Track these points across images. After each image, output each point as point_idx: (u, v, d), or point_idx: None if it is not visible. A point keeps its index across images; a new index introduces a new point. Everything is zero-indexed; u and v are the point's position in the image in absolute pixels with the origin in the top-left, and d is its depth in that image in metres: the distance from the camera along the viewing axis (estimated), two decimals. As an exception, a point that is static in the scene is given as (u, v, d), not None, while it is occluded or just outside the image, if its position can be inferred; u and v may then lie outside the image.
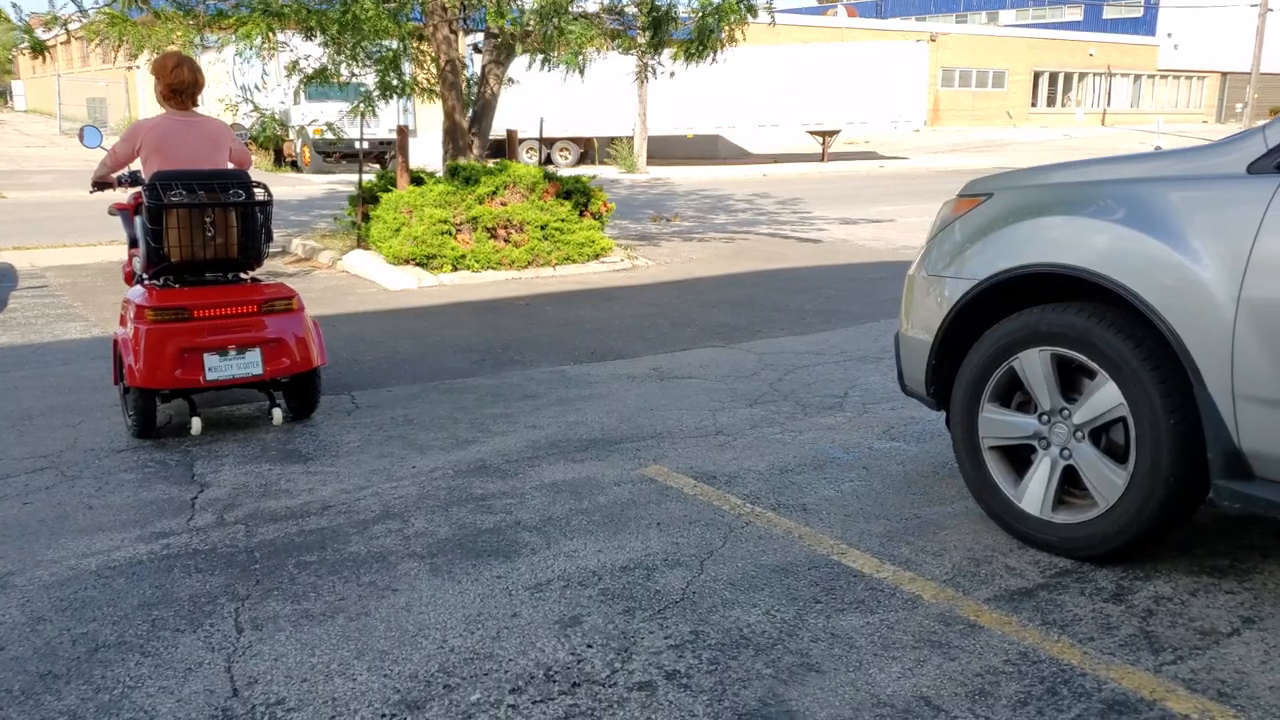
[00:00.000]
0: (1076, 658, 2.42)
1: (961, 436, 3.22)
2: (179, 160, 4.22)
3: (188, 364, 4.00)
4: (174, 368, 3.97)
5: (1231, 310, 2.57)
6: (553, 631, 2.56)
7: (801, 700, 2.25)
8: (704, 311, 7.06)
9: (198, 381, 4.02)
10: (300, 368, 4.23)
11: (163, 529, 3.21)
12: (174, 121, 4.31)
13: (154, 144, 4.23)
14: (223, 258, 4.23)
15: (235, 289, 4.24)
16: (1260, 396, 2.54)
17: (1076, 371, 2.95)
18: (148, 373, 3.94)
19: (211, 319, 4.06)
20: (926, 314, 3.36)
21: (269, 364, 4.14)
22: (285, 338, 4.19)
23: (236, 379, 4.10)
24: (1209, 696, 2.26)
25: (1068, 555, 2.96)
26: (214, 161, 4.34)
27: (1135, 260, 2.75)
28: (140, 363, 3.94)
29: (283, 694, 2.28)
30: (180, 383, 4.01)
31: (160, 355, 3.95)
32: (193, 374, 4.00)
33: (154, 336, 3.96)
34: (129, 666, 2.39)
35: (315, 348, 4.31)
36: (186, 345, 4.00)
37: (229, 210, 4.17)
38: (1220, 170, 2.70)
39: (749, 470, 3.77)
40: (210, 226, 4.13)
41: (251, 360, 4.10)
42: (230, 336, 4.07)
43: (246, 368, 4.09)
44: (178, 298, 4.07)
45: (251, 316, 4.14)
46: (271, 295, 4.24)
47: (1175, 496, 2.76)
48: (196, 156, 4.27)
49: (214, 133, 4.40)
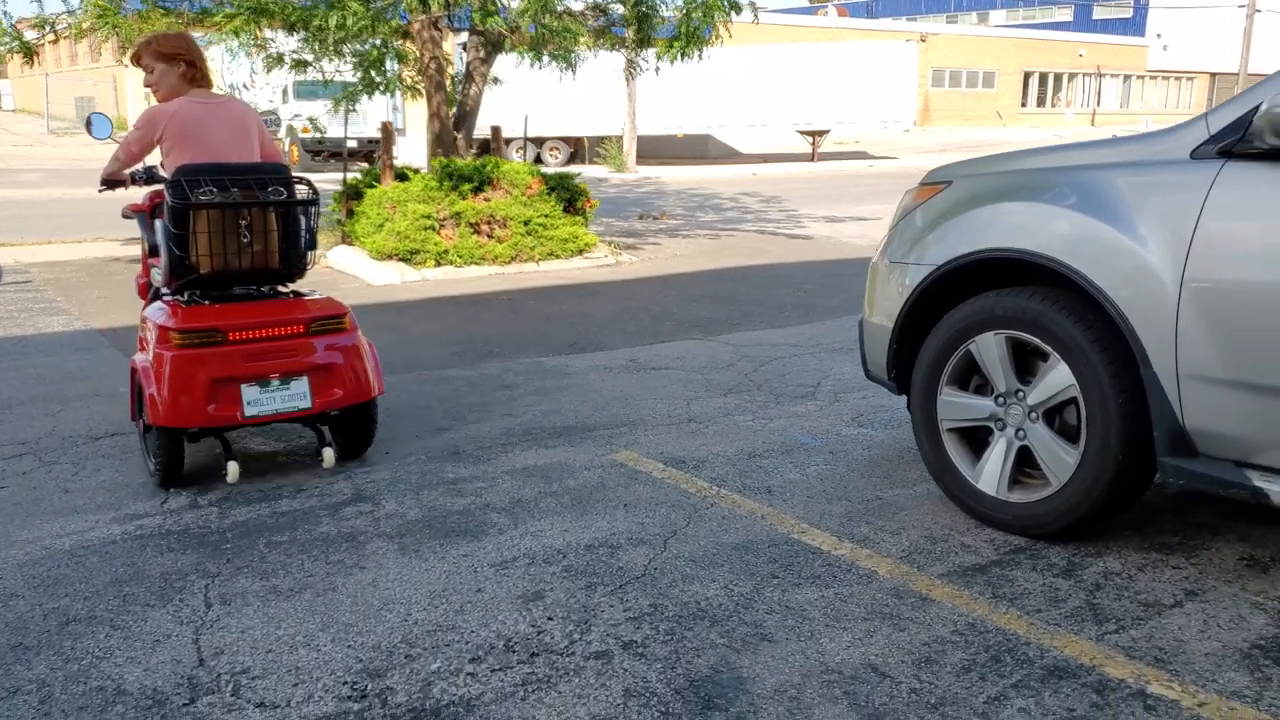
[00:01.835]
0: (1023, 628, 2.49)
1: (921, 419, 3.30)
2: (207, 151, 3.60)
3: (222, 397, 3.35)
4: (206, 402, 3.33)
5: (1175, 292, 2.64)
6: (515, 605, 2.62)
7: (752, 668, 2.31)
8: (684, 306, 7.13)
9: (235, 418, 3.37)
10: (354, 398, 3.58)
11: (136, 511, 3.26)
12: (199, 106, 3.66)
13: (177, 132, 3.59)
14: (261, 268, 3.60)
15: (276, 305, 3.60)
16: (1202, 375, 2.62)
17: (1031, 354, 3.03)
18: (174, 408, 3.30)
19: (249, 342, 3.41)
20: (888, 300, 3.43)
21: (318, 395, 3.49)
22: (337, 363, 3.55)
23: (280, 414, 3.45)
24: (1146, 662, 2.33)
25: (1022, 533, 3.04)
26: (246, 152, 3.73)
27: (1084, 244, 2.83)
28: (165, 396, 3.30)
29: (248, 663, 2.33)
30: (213, 420, 3.36)
31: (189, 387, 3.31)
32: (229, 409, 3.36)
33: (182, 364, 3.32)
34: (98, 639, 2.44)
35: (372, 374, 3.66)
36: (220, 374, 3.35)
37: (268, 211, 3.57)
38: (1165, 156, 2.77)
39: (718, 455, 3.84)
40: (246, 231, 3.51)
41: (298, 391, 3.46)
42: (272, 363, 3.43)
43: (292, 400, 3.45)
44: (209, 317, 3.43)
45: (297, 339, 3.49)
46: (320, 312, 3.58)
47: (1124, 474, 2.83)
48: (226, 146, 3.65)
49: (243, 118, 3.77)
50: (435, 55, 9.24)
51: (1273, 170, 2.51)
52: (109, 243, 9.96)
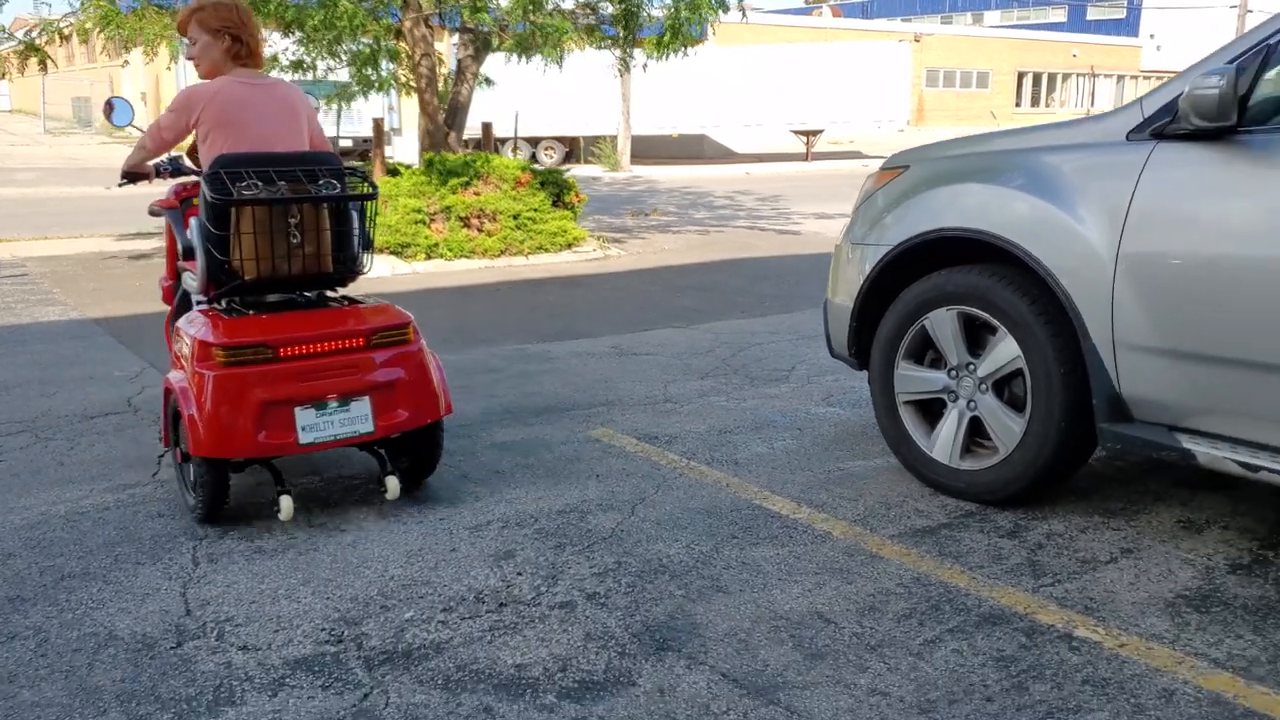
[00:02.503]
0: (964, 581, 2.64)
1: (879, 393, 3.45)
2: (250, 139, 3.18)
3: (274, 422, 2.93)
4: (256, 428, 2.91)
5: (1111, 266, 2.80)
6: (487, 563, 2.77)
7: (706, 615, 2.46)
8: (669, 296, 7.28)
9: (289, 446, 2.96)
10: (421, 420, 3.16)
11: (129, 481, 3.41)
12: (243, 87, 3.24)
13: (218, 116, 3.17)
14: (313, 272, 3.19)
15: (330, 315, 3.18)
16: (1137, 344, 2.77)
17: (981, 328, 3.18)
18: (220, 436, 2.88)
19: (304, 358, 2.99)
20: (849, 281, 3.58)
21: (381, 417, 3.07)
22: (401, 380, 3.12)
23: (340, 440, 3.02)
24: (1076, 610, 2.48)
25: (973, 500, 3.19)
26: (294, 140, 3.30)
27: (1028, 223, 2.98)
28: (209, 422, 2.88)
29: (232, 613, 2.48)
30: (265, 449, 2.95)
31: (237, 411, 2.89)
32: (282, 435, 2.94)
33: (227, 385, 2.90)
34: (91, 592, 2.59)
35: (439, 390, 3.24)
36: (272, 396, 2.93)
37: (320, 208, 3.15)
38: (1104, 138, 2.93)
39: (690, 432, 3.99)
40: (295, 230, 3.10)
41: (358, 413, 3.03)
42: (330, 382, 3.01)
43: (352, 424, 3.02)
44: (256, 330, 3.01)
45: (356, 353, 3.07)
46: (381, 322, 3.15)
47: (1067, 442, 2.98)
48: (272, 134, 3.23)
49: (292, 102, 3.35)
50: (426, 52, 9.39)
51: (1197, 150, 2.66)
52: (104, 238, 10.09)
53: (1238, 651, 2.29)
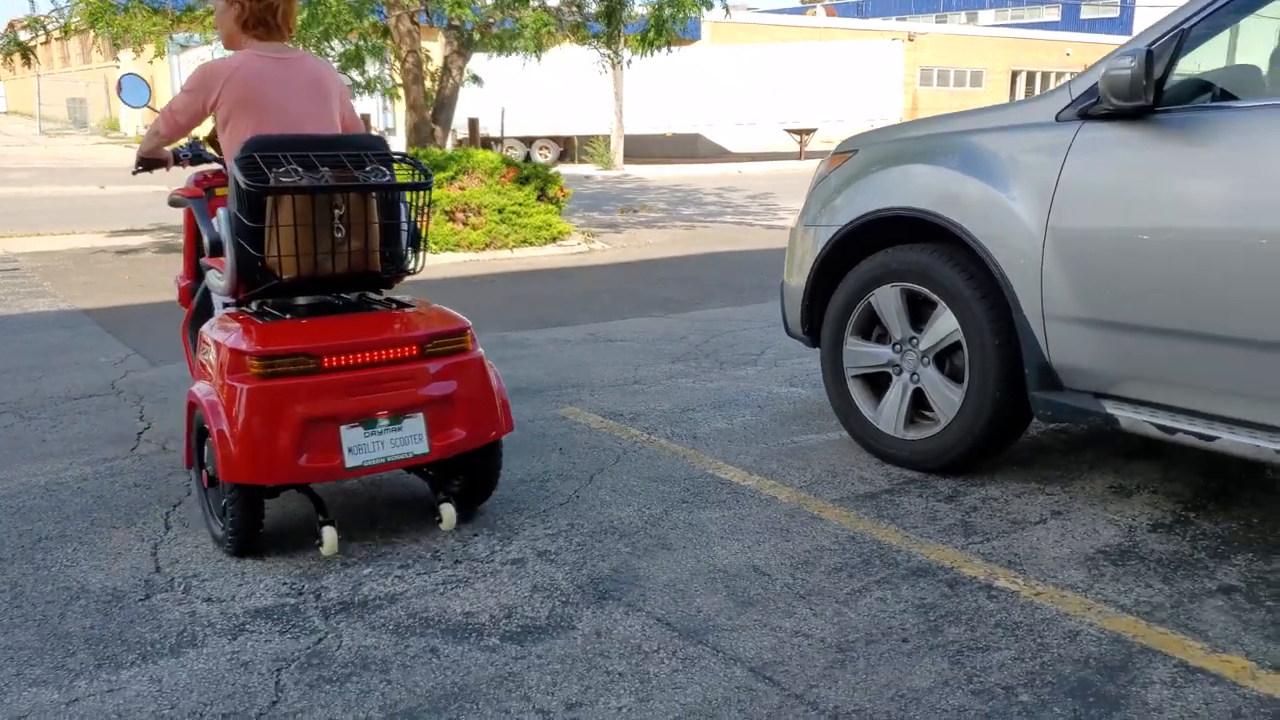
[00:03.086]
0: (897, 539, 2.78)
1: (829, 368, 3.59)
2: (275, 121, 2.87)
3: (316, 442, 2.58)
4: (297, 450, 2.56)
5: (1040, 241, 2.93)
6: (441, 531, 2.90)
7: (649, 569, 2.60)
8: (650, 287, 7.42)
9: (334, 470, 2.61)
10: (481, 439, 2.81)
11: (108, 455, 3.54)
12: (266, 61, 2.91)
13: (241, 94, 2.86)
14: (359, 271, 2.85)
15: (377, 319, 2.83)
16: (1064, 315, 2.91)
17: (923, 304, 3.31)
18: (256, 459, 2.54)
19: (350, 369, 2.65)
20: (802, 262, 3.72)
21: (437, 436, 2.73)
22: (459, 394, 2.78)
23: (391, 463, 2.68)
24: (999, 564, 2.62)
25: (915, 468, 3.32)
26: (324, 123, 2.99)
27: (964, 201, 3.12)
28: (243, 442, 2.54)
29: (199, 570, 2.61)
30: (306, 474, 2.60)
31: (275, 431, 2.55)
32: (326, 458, 2.59)
33: (265, 401, 2.55)
34: (67, 552, 2.72)
35: (500, 407, 2.90)
36: (315, 413, 2.58)
37: (368, 198, 2.81)
38: (1036, 119, 3.06)
39: (654, 410, 4.12)
40: (340, 224, 2.75)
41: (412, 432, 2.69)
42: (380, 396, 2.67)
43: (405, 444, 2.68)
44: (297, 336, 2.67)
45: (409, 363, 2.72)
46: (437, 328, 2.81)
47: (1002, 411, 3.12)
48: (300, 115, 2.91)
49: (321, 79, 3.01)
50: (413, 49, 9.53)
51: (1118, 129, 2.80)
52: (95, 235, 10.22)
53: (1145, 599, 2.43)
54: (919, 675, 2.09)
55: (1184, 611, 2.36)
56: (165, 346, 5.24)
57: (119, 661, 2.16)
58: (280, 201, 2.69)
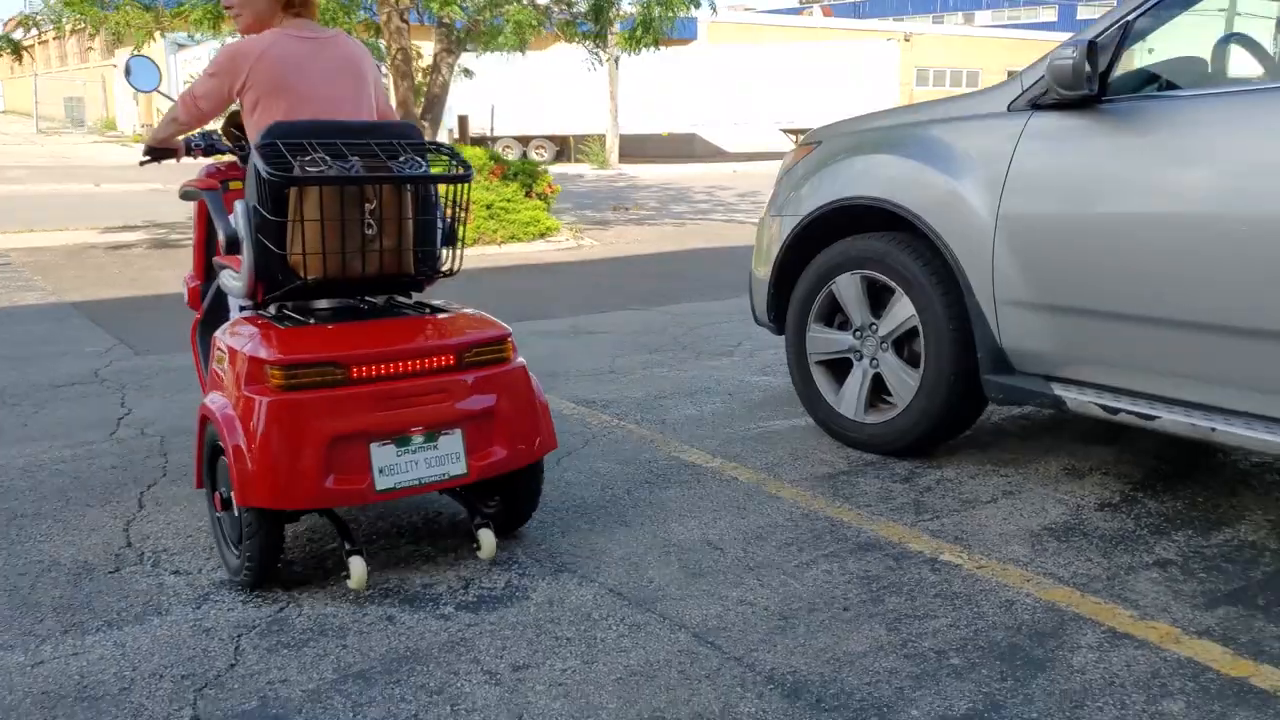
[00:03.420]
0: (849, 516, 2.86)
1: (794, 354, 3.66)
2: (308, 106, 2.67)
3: (345, 463, 2.34)
4: (322, 471, 2.32)
5: (992, 228, 3.01)
6: (412, 509, 2.97)
7: (607, 544, 2.68)
8: (634, 281, 7.50)
9: (363, 493, 2.37)
10: (522, 459, 2.57)
11: (87, 439, 3.62)
12: (298, 41, 2.70)
13: (271, 78, 2.66)
14: (391, 272, 2.61)
15: (411, 326, 2.59)
16: (1014, 300, 2.99)
17: (882, 291, 3.39)
18: (276, 480, 2.30)
19: (381, 380, 2.40)
20: (768, 251, 3.79)
21: (475, 455, 2.49)
22: (499, 409, 2.53)
23: (425, 485, 2.43)
24: (945, 540, 2.69)
25: (874, 451, 3.40)
26: (359, 106, 2.79)
27: (920, 190, 3.20)
28: (261, 462, 2.29)
29: (169, 545, 2.69)
30: (333, 497, 2.36)
31: (299, 449, 2.30)
32: (354, 479, 2.35)
33: (287, 415, 2.31)
34: (42, 529, 2.80)
35: (543, 422, 2.66)
36: (343, 430, 2.34)
37: (403, 192, 2.57)
38: (989, 110, 3.14)
39: (627, 397, 4.20)
40: (371, 219, 2.52)
41: (448, 451, 2.45)
42: (414, 411, 2.42)
43: (441, 465, 2.43)
44: (321, 343, 2.43)
45: (446, 374, 2.48)
46: (475, 336, 2.55)
47: (957, 394, 3.19)
48: (334, 100, 2.71)
49: (355, 60, 2.81)
50: (402, 45, 9.61)
51: (1064, 118, 2.88)
52: (88, 231, 10.30)
53: (1082, 571, 2.51)
54: (855, 640, 2.17)
55: (1119, 583, 2.44)
56: (150, 337, 5.32)
57: (85, 628, 2.23)
58: (305, 194, 2.43)
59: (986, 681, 2.01)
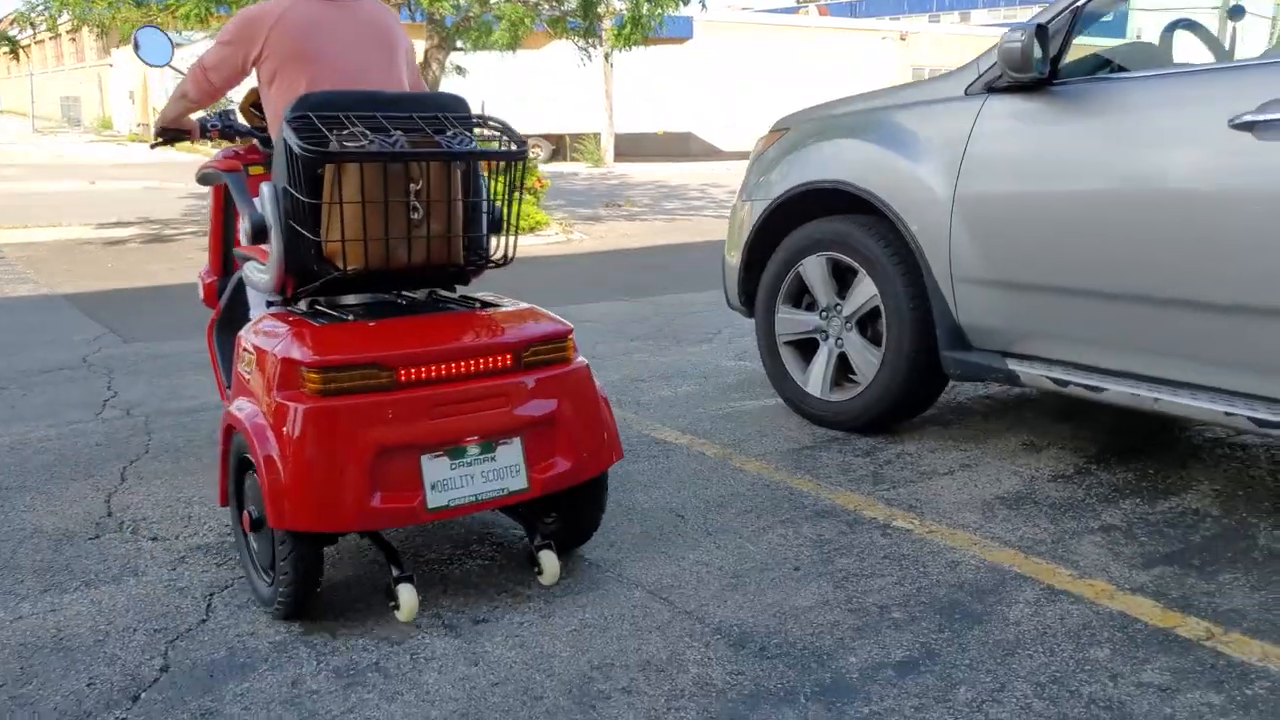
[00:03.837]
0: (809, 486, 2.95)
1: (763, 336, 3.76)
2: (333, 77, 2.46)
3: (393, 478, 2.08)
4: (368, 488, 2.06)
5: (949, 208, 3.10)
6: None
7: (570, 513, 2.77)
8: (621, 274, 7.59)
9: (414, 512, 2.11)
10: (587, 471, 2.32)
11: (74, 419, 3.70)
12: (318, 5, 2.52)
13: (290, 45, 2.47)
14: (439, 262, 2.33)
15: (460, 321, 2.32)
16: (970, 278, 3.08)
17: (846, 272, 3.48)
18: (317, 499, 2.04)
19: (432, 384, 2.15)
20: (740, 234, 3.88)
21: (537, 467, 2.24)
22: (561, 415, 2.28)
23: (483, 502, 2.17)
24: (899, 508, 2.78)
25: (839, 428, 3.49)
26: (389, 77, 2.58)
27: (882, 173, 3.29)
28: (299, 478, 2.03)
29: (149, 514, 2.78)
30: (380, 517, 2.09)
31: (342, 462, 2.05)
32: (404, 497, 2.09)
33: (328, 425, 2.05)
34: (25, 500, 2.89)
35: (610, 430, 2.41)
36: (391, 440, 2.08)
37: (452, 171, 2.29)
38: (948, 94, 3.23)
39: (604, 381, 4.17)
40: (417, 202, 2.24)
41: (507, 463, 2.19)
42: (469, 419, 2.16)
43: (500, 479, 2.18)
44: (363, 342, 2.16)
45: (503, 376, 2.22)
46: (534, 333, 2.31)
47: (918, 371, 3.29)
48: (361, 70, 2.50)
49: (383, 25, 2.61)
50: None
51: (1017, 101, 2.97)
52: (82, 227, 10.38)
53: (1029, 536, 2.60)
54: (802, 596, 2.26)
55: (1062, 546, 2.53)
56: (139, 326, 5.40)
57: (63, 588, 2.32)
58: (344, 173, 2.15)
59: (924, 633, 2.10)
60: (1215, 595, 2.26)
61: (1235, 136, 2.47)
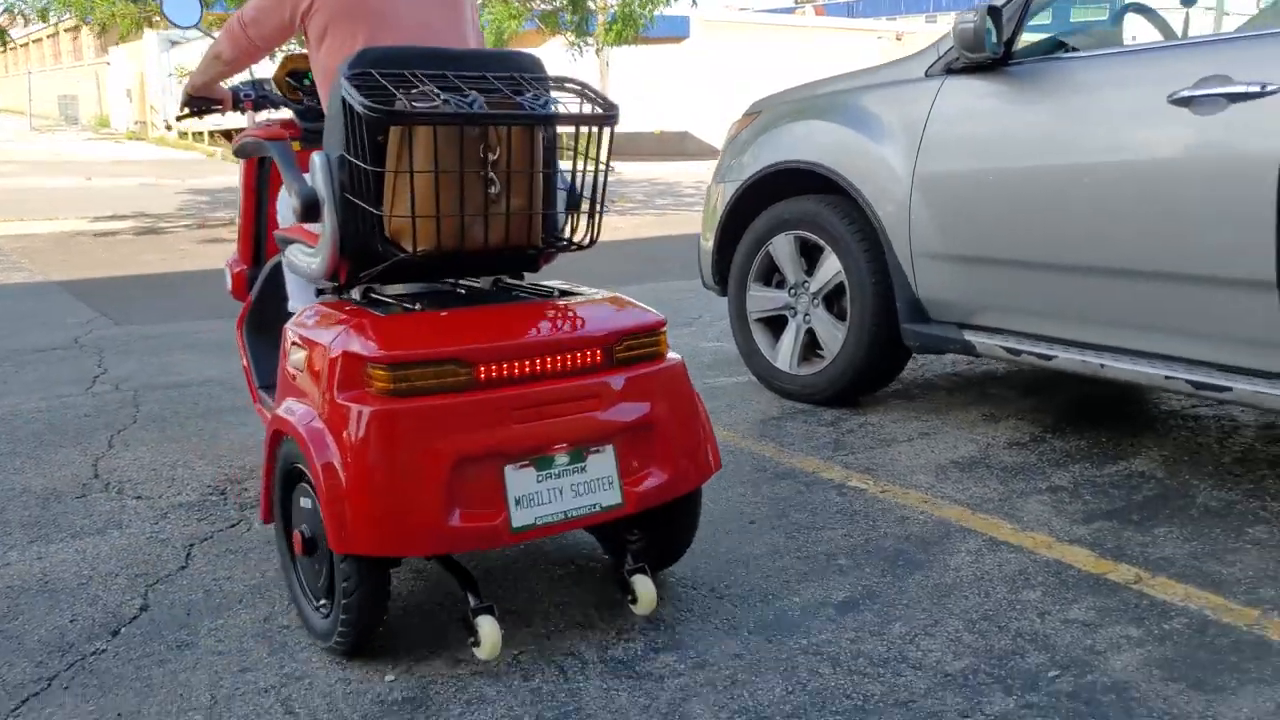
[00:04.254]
0: (771, 452, 3.06)
1: (735, 313, 3.87)
2: (395, 34, 2.22)
3: (471, 492, 1.80)
4: (445, 505, 1.77)
5: (909, 186, 3.21)
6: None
7: (539, 475, 2.87)
8: (609, 264, 7.68)
9: (497, 532, 1.82)
10: (684, 484, 2.03)
11: (64, 393, 3.81)
12: None
13: (340, 2, 2.22)
14: (517, 243, 2.04)
15: (539, 311, 2.03)
16: (928, 253, 3.19)
17: (813, 250, 3.59)
18: (386, 518, 1.76)
19: (515, 383, 1.87)
20: (714, 215, 3.99)
21: (631, 480, 1.95)
22: (656, 420, 1.99)
23: (572, 520, 1.89)
24: (855, 470, 2.90)
25: (807, 401, 3.60)
26: (456, 35, 2.35)
27: (846, 153, 3.40)
28: (364, 494, 1.76)
29: (133, 476, 2.89)
30: (460, 539, 1.80)
31: (415, 475, 1.76)
32: (485, 515, 1.81)
33: (399, 430, 1.77)
34: (15, 464, 2.99)
35: (708, 436, 2.10)
36: (471, 449, 1.80)
37: (534, 138, 2.00)
38: (909, 76, 3.34)
39: (583, 360, 4.39)
40: (494, 173, 1.95)
41: (599, 474, 1.91)
42: (556, 423, 1.88)
43: (591, 493, 1.90)
44: (436, 335, 1.89)
45: (593, 374, 1.94)
46: (624, 325, 2.02)
47: (880, 344, 3.39)
48: (426, 25, 2.27)
49: None
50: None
51: (973, 81, 3.07)
52: (78, 220, 10.50)
53: (979, 495, 2.71)
54: (754, 546, 2.37)
55: (1009, 504, 2.64)
56: (131, 310, 5.51)
57: (50, 539, 2.43)
58: (414, 138, 1.85)
59: (868, 578, 2.21)
60: (1149, 546, 2.37)
61: (1175, 112, 2.58)
